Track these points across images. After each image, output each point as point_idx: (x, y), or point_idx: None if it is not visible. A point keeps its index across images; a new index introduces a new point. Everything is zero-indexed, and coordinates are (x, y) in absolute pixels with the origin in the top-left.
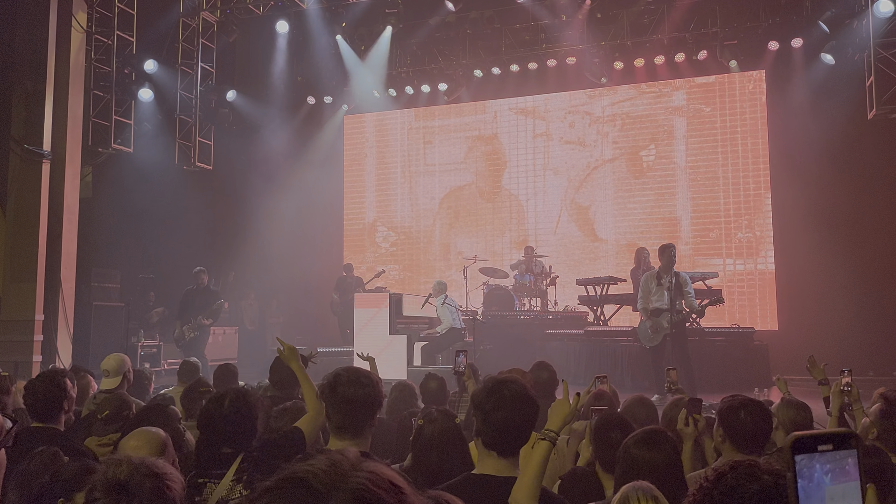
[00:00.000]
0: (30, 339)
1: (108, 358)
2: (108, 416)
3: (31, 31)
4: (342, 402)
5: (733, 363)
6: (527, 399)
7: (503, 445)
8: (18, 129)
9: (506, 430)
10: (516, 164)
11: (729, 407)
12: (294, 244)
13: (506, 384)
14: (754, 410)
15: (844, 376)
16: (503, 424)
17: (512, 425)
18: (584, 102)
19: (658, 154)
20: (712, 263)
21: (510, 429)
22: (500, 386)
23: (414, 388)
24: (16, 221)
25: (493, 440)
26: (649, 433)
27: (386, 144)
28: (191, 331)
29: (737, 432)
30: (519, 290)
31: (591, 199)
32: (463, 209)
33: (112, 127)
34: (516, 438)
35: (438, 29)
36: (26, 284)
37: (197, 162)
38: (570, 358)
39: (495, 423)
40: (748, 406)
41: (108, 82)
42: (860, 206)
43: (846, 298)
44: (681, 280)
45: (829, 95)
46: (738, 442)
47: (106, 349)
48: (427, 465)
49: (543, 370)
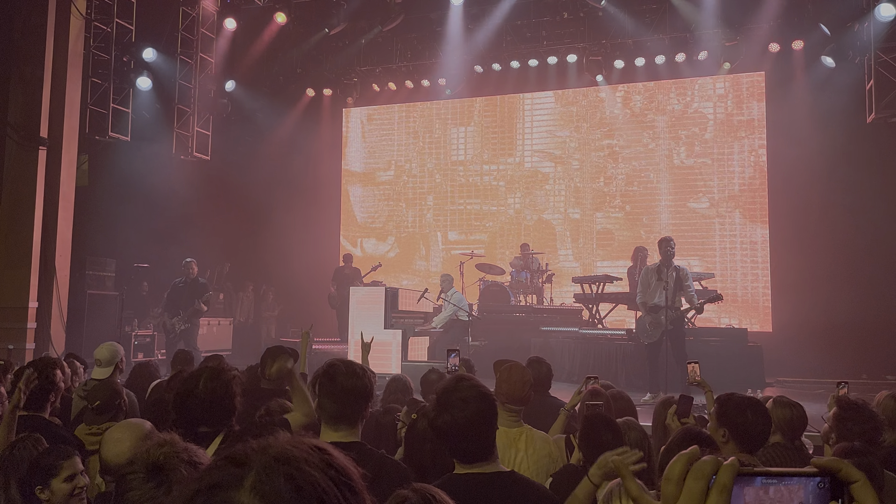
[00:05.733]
0: (23, 326)
1: (102, 347)
2: (99, 406)
3: (29, 17)
4: (340, 392)
5: (727, 364)
6: (474, 399)
7: (460, 453)
8: (15, 115)
9: (454, 435)
10: (515, 158)
11: (736, 407)
12: (291, 236)
13: (454, 388)
14: (759, 410)
15: (841, 388)
16: (450, 429)
17: (459, 430)
18: (583, 101)
19: (657, 154)
20: (708, 264)
21: (459, 433)
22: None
23: (408, 381)
24: (11, 208)
25: (449, 448)
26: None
27: (384, 138)
28: (181, 323)
29: (744, 432)
30: (515, 287)
31: (590, 199)
32: (462, 204)
33: (110, 115)
34: (469, 443)
35: (439, 23)
36: (20, 271)
37: (194, 152)
38: (565, 355)
39: (442, 429)
40: (754, 406)
41: (106, 70)
42: (857, 210)
43: (841, 301)
44: (681, 274)
45: (828, 98)
46: (743, 442)
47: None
48: (420, 458)
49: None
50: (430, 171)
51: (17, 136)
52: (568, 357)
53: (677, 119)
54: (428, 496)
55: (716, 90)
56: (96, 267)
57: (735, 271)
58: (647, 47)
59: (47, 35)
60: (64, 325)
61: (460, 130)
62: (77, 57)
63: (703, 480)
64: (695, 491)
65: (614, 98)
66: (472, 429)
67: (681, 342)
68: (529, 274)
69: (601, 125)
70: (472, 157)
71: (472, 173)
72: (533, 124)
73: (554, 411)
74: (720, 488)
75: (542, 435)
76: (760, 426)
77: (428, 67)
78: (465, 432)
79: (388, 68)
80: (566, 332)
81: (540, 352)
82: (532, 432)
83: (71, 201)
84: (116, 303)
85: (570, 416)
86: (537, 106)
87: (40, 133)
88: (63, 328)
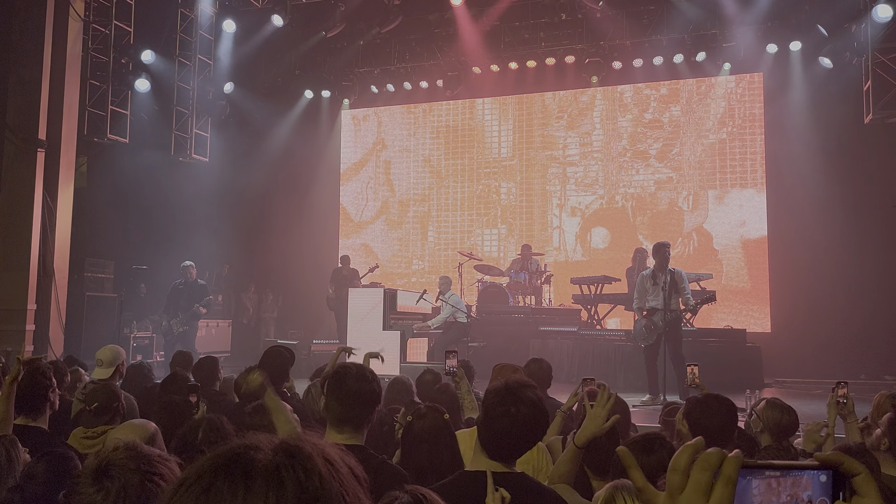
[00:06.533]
0: (22, 328)
1: (104, 348)
2: (97, 409)
3: (28, 19)
4: (349, 395)
5: (726, 364)
6: (536, 413)
7: (498, 451)
8: (14, 117)
9: (506, 438)
10: (515, 158)
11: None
12: (289, 237)
13: (521, 390)
14: (712, 406)
15: (840, 388)
16: (505, 432)
17: (512, 436)
18: (582, 101)
19: (656, 154)
20: (707, 265)
21: (510, 438)
22: (513, 392)
23: (409, 383)
24: (9, 210)
25: (488, 442)
26: (646, 438)
27: (383, 139)
28: (179, 325)
29: (703, 429)
30: (514, 288)
31: (588, 199)
32: (461, 205)
33: (108, 117)
34: (513, 448)
35: (438, 25)
36: (19, 273)
37: (193, 154)
38: (564, 356)
39: (497, 430)
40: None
41: (104, 72)
42: (855, 210)
43: (839, 302)
44: (676, 277)
45: (826, 99)
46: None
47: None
48: (417, 460)
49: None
50: (429, 172)
51: (16, 138)
52: (566, 358)
53: (676, 120)
54: (419, 496)
55: (714, 91)
56: (95, 269)
57: (734, 271)
58: (645, 49)
59: (45, 37)
60: (62, 327)
61: (460, 131)
62: (75, 59)
63: (708, 472)
64: (701, 482)
65: (613, 99)
66: (526, 431)
67: (677, 343)
68: (528, 275)
69: (601, 125)
70: (472, 156)
71: (472, 173)
72: (532, 124)
73: (551, 412)
74: (725, 480)
75: None
76: (718, 422)
77: (426, 69)
78: (520, 431)
79: (387, 70)
80: (565, 333)
81: (539, 353)
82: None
83: (69, 203)
84: (115, 305)
85: (567, 417)
86: (537, 106)
87: (39, 135)
88: (62, 330)
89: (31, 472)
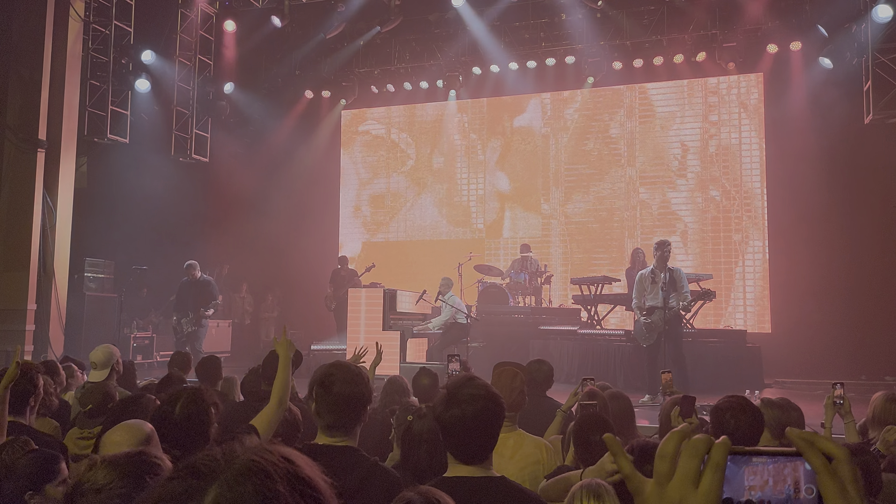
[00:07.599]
0: (22, 328)
1: (97, 350)
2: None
3: (28, 19)
4: (337, 401)
5: (726, 364)
6: (485, 404)
7: (465, 455)
8: (14, 117)
9: (465, 439)
10: (514, 160)
11: (716, 408)
12: (289, 238)
13: (461, 390)
14: (739, 414)
15: (837, 389)
16: (461, 434)
17: (470, 436)
18: (582, 101)
19: (654, 155)
20: (707, 265)
21: (469, 438)
22: (453, 395)
23: (405, 382)
24: (9, 210)
25: (454, 449)
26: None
27: (383, 140)
28: (189, 325)
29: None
30: (514, 288)
31: (588, 199)
32: (459, 206)
33: (108, 117)
34: (478, 447)
35: (438, 25)
36: (19, 273)
37: (193, 154)
38: (564, 356)
39: (454, 435)
40: (735, 409)
41: (104, 72)
42: (855, 211)
43: (840, 302)
44: (675, 276)
45: (826, 99)
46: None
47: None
48: (416, 461)
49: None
50: (429, 172)
51: (16, 138)
52: (566, 358)
53: (676, 120)
54: (433, 499)
55: (714, 91)
56: (95, 269)
57: (734, 271)
58: (646, 49)
59: (45, 37)
60: (62, 327)
61: (459, 131)
62: (75, 59)
63: (696, 459)
64: (689, 469)
65: (612, 100)
66: (477, 426)
67: (677, 342)
68: (528, 275)
69: (600, 125)
70: (471, 157)
71: (471, 173)
72: (532, 124)
73: (551, 412)
74: (714, 466)
75: (535, 440)
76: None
77: (426, 69)
78: (471, 429)
79: (387, 70)
80: (565, 333)
81: (539, 353)
82: (523, 437)
83: (69, 203)
84: (115, 305)
85: (567, 417)
86: (536, 107)
87: (39, 135)
88: (62, 330)
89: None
